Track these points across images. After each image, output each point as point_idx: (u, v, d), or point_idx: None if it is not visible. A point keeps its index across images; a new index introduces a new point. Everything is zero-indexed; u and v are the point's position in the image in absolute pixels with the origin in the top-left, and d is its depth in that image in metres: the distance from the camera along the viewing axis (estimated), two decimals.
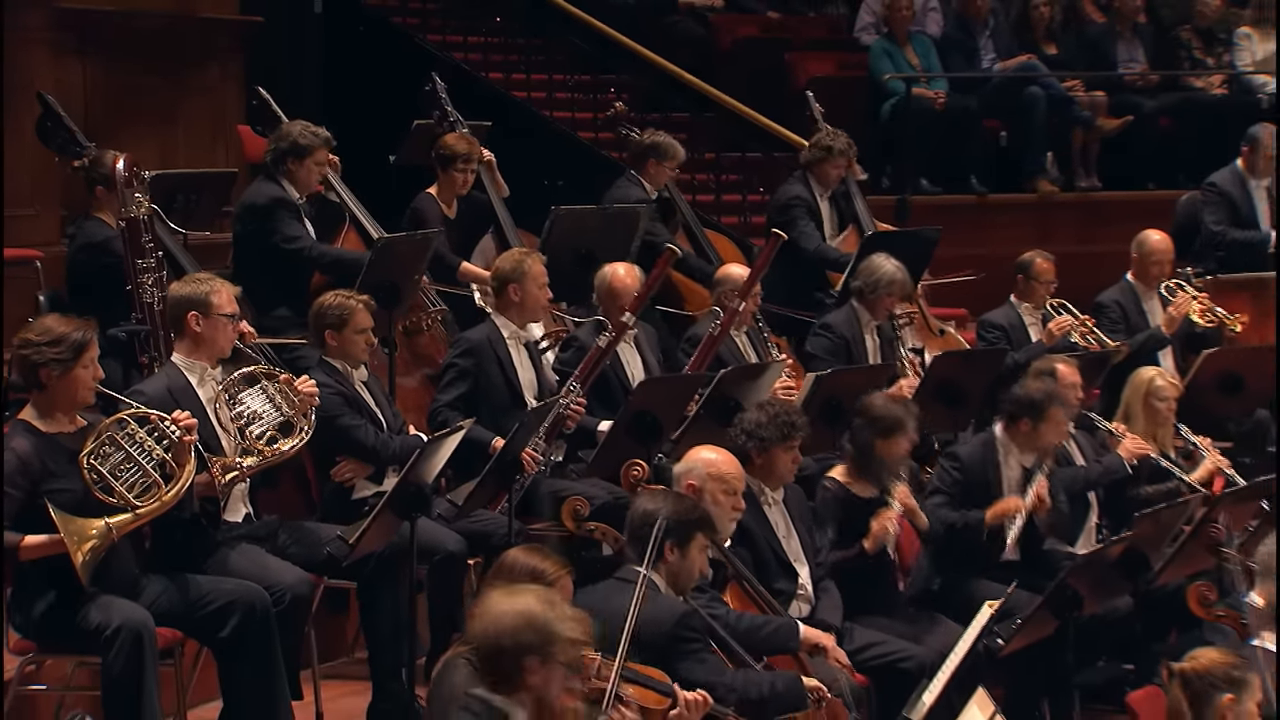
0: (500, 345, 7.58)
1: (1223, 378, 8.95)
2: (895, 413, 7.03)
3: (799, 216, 9.72)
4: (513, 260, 7.73)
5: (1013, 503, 7.28)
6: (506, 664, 4.38)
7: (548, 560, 5.13)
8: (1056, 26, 12.65)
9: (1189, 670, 5.08)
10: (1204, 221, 10.61)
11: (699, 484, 6.07)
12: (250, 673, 6.13)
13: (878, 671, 6.48)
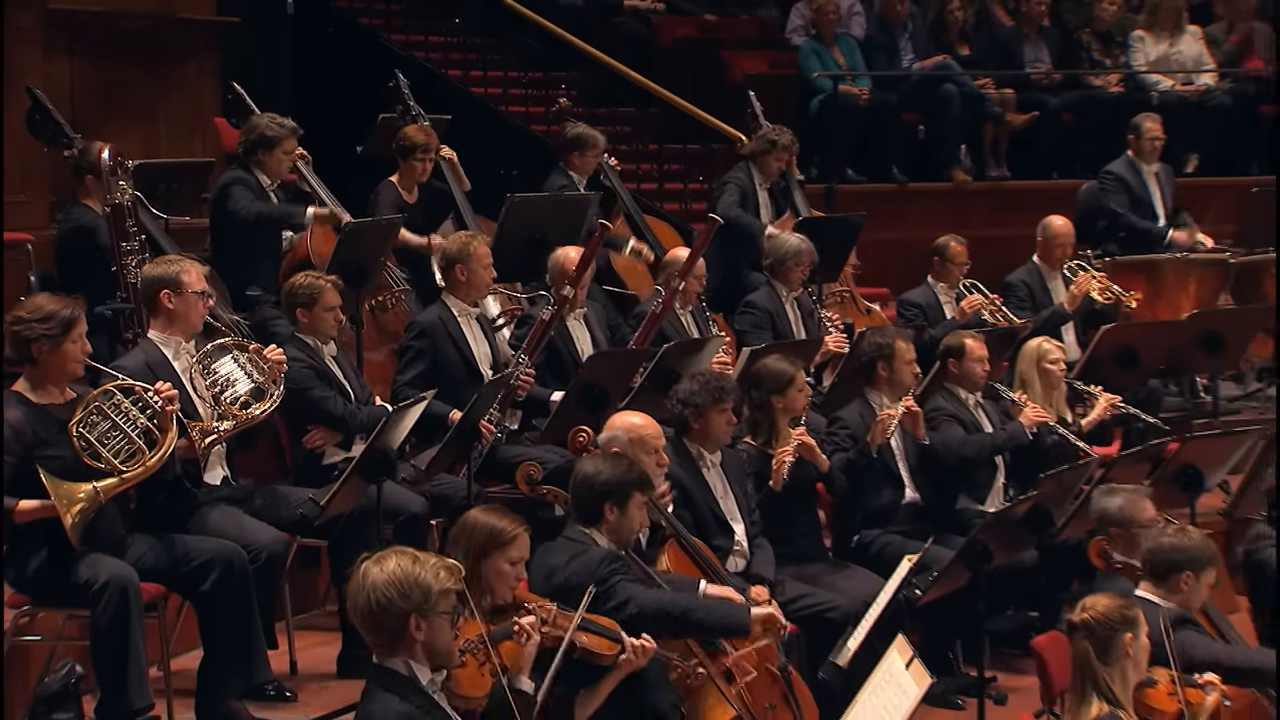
0: (452, 324, 7.58)
1: (1119, 351, 9.00)
2: (785, 369, 7.07)
3: (729, 190, 9.83)
4: (459, 243, 7.75)
5: (885, 414, 7.30)
6: (391, 627, 4.27)
7: (505, 518, 5.13)
8: (969, 29, 12.69)
9: (1089, 619, 5.14)
10: (1107, 206, 10.67)
11: (622, 449, 6.08)
12: (229, 624, 6.14)
13: (807, 621, 6.50)
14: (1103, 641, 5.13)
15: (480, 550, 5.00)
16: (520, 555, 5.08)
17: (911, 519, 7.42)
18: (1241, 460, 8.00)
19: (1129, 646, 5.12)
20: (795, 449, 6.86)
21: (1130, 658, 5.13)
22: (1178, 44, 12.62)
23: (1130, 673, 5.16)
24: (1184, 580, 5.78)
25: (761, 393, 7.05)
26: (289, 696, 6.59)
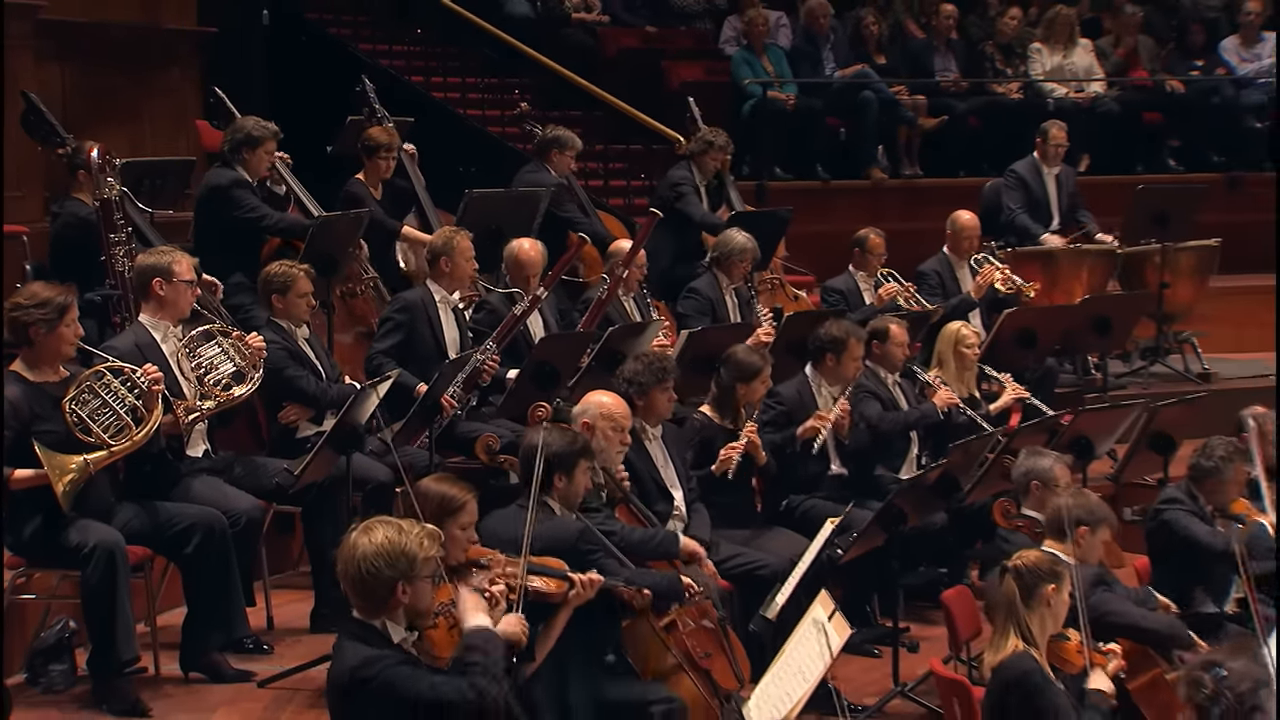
0: (431, 307, 7.58)
1: (1020, 334, 9.05)
2: (754, 361, 7.07)
3: (687, 192, 9.81)
4: (444, 237, 7.74)
5: (819, 418, 7.31)
6: (379, 594, 4.28)
7: (455, 486, 5.08)
8: (884, 41, 12.71)
9: (1020, 566, 5.23)
10: (1005, 202, 10.72)
11: (592, 422, 6.07)
12: (210, 583, 6.14)
13: (739, 578, 6.50)
14: (1029, 587, 5.19)
15: (434, 516, 4.96)
16: (470, 519, 5.06)
17: (835, 487, 7.44)
18: (1127, 430, 8.07)
19: (1050, 596, 5.19)
20: (743, 445, 6.86)
21: (1050, 608, 5.20)
22: (1071, 55, 12.67)
23: (1048, 620, 5.22)
24: (1081, 535, 5.81)
25: (729, 376, 7.04)
26: (266, 649, 6.57)
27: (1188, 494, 6.80)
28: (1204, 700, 4.32)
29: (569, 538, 5.34)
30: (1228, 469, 6.72)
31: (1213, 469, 6.74)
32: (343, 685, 4.32)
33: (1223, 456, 6.74)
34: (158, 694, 6.05)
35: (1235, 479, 6.77)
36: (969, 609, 6.35)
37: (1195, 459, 6.86)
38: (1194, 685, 4.37)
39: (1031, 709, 5.05)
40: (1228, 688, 4.29)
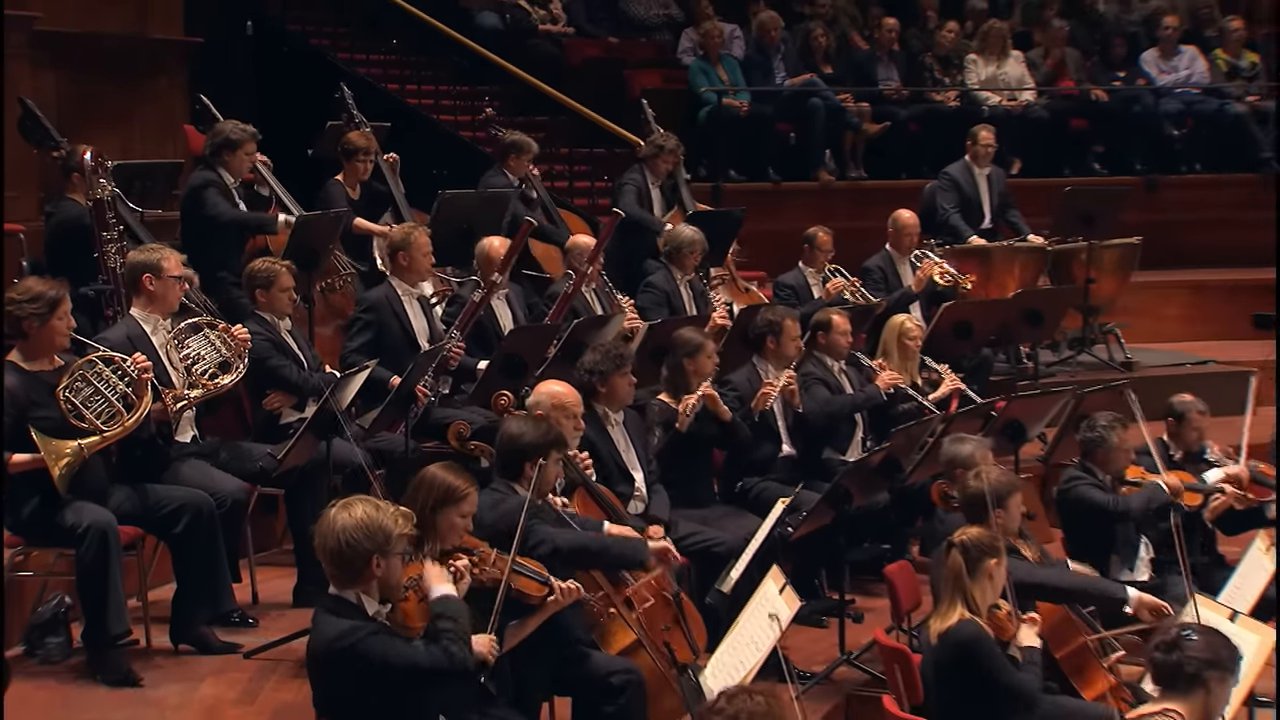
0: (396, 301, 7.51)
1: (957, 325, 9.08)
2: (696, 337, 7.09)
3: (627, 191, 9.80)
4: (402, 233, 7.69)
5: (767, 384, 7.32)
6: (356, 566, 4.31)
7: (460, 477, 5.04)
8: (831, 52, 12.72)
9: (965, 541, 5.27)
10: (939, 203, 10.76)
11: (546, 412, 6.04)
12: (198, 561, 6.11)
13: (696, 554, 6.49)
14: (973, 560, 5.24)
15: (437, 502, 4.94)
16: (470, 509, 5.04)
17: (786, 469, 7.44)
18: (1056, 415, 8.10)
19: (991, 570, 5.24)
20: (700, 398, 6.85)
21: (991, 580, 5.25)
22: (1004, 66, 12.71)
23: (989, 590, 5.27)
24: (995, 516, 5.83)
25: (676, 357, 7.04)
26: (251, 623, 6.54)
27: (1084, 470, 6.91)
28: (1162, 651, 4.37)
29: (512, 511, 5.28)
30: (1111, 437, 6.83)
31: (1098, 439, 6.84)
32: (321, 655, 4.35)
33: (1105, 426, 6.86)
34: (148, 665, 6.02)
35: (1121, 446, 6.87)
36: (910, 582, 6.37)
37: (1082, 435, 6.94)
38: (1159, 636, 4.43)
39: (983, 669, 5.12)
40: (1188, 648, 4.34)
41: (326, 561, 4.37)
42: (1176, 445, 7.34)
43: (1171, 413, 7.40)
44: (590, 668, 5.41)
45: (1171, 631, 4.42)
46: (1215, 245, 12.52)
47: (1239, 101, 12.98)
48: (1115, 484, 6.88)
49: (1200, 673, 4.34)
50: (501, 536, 5.06)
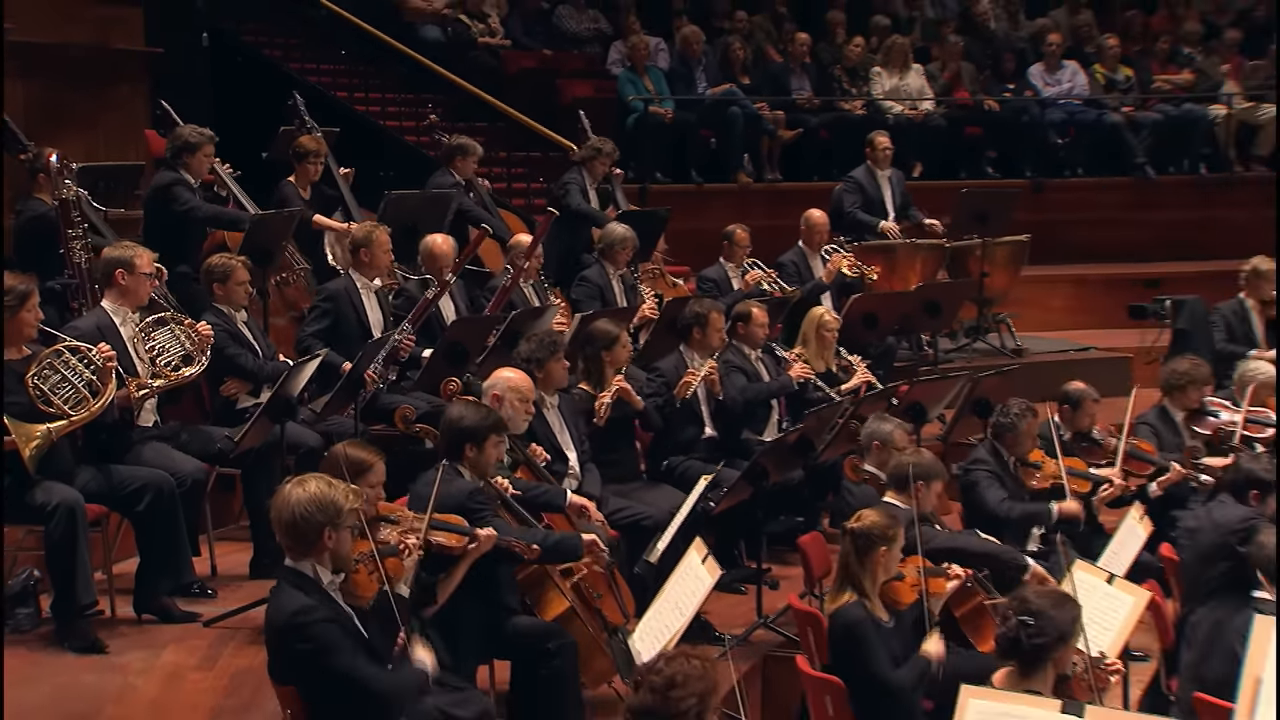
0: (355, 294, 7.47)
1: (864, 315, 9.12)
2: (611, 329, 7.06)
3: (573, 190, 9.76)
4: (365, 231, 7.64)
5: (690, 374, 7.32)
6: (310, 536, 4.30)
7: (365, 450, 5.06)
8: (749, 64, 12.73)
9: (857, 528, 5.25)
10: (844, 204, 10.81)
11: (501, 395, 6.03)
12: (160, 536, 6.05)
13: (625, 527, 6.48)
14: (862, 549, 5.23)
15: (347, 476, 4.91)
16: (378, 479, 5.01)
17: (708, 448, 7.45)
18: (954, 398, 8.16)
19: (881, 557, 5.24)
20: (613, 394, 6.83)
21: (881, 565, 5.25)
22: (905, 78, 12.78)
23: (879, 574, 5.27)
24: (918, 488, 5.87)
25: (593, 349, 7.01)
26: (210, 593, 6.46)
27: (991, 451, 6.92)
28: (1006, 630, 4.40)
29: (459, 495, 5.27)
30: (1021, 424, 6.87)
31: (1010, 425, 6.89)
32: (280, 626, 4.32)
33: (1017, 414, 6.89)
34: (114, 633, 5.95)
35: (1029, 433, 6.92)
36: (821, 552, 6.40)
37: (995, 418, 6.99)
38: (1003, 620, 4.46)
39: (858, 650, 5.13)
40: (1035, 625, 4.37)
41: (282, 534, 4.35)
42: (1068, 427, 7.39)
43: (1067, 399, 7.44)
44: (526, 633, 5.40)
45: (1011, 621, 4.41)
46: (1095, 242, 12.68)
47: (1115, 112, 13.14)
48: (1018, 465, 6.91)
49: (1042, 655, 4.38)
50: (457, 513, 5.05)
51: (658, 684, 3.66)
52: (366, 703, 4.30)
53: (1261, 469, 6.01)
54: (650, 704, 3.66)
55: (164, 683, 5.60)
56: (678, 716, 3.64)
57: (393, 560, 4.70)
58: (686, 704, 3.64)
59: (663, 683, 3.66)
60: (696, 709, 3.66)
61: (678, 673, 3.68)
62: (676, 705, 3.64)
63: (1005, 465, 6.88)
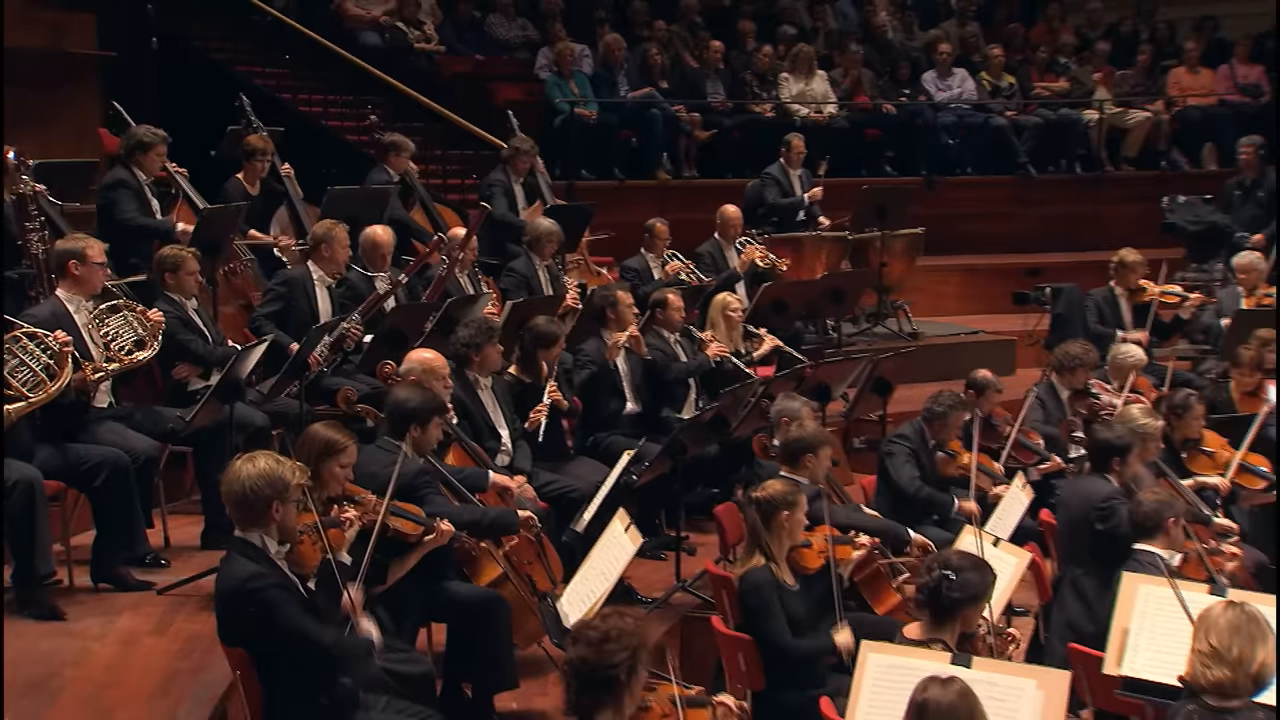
0: (309, 283, 7.42)
1: (774, 302, 9.14)
2: (552, 330, 7.03)
3: (497, 195, 9.67)
4: (325, 228, 7.56)
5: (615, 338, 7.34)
6: (258, 509, 4.28)
7: (340, 432, 5.02)
8: (667, 69, 12.71)
9: (761, 497, 5.26)
10: (765, 197, 10.84)
11: (418, 376, 5.99)
12: (115, 510, 5.96)
13: (554, 499, 6.47)
14: (767, 515, 5.24)
15: (319, 455, 4.88)
16: (349, 460, 4.98)
17: (631, 425, 7.45)
18: (856, 378, 8.22)
19: (785, 521, 5.25)
20: (547, 405, 6.78)
21: (785, 529, 5.26)
22: (811, 84, 12.82)
23: (784, 538, 5.28)
24: (806, 460, 5.90)
25: (531, 344, 6.96)
26: (164, 563, 6.37)
27: (918, 431, 6.95)
28: (929, 581, 4.45)
29: (407, 475, 5.23)
30: (951, 415, 6.92)
31: (941, 414, 6.93)
32: (231, 592, 4.28)
33: (950, 405, 6.95)
34: (72, 601, 5.86)
35: (955, 424, 6.97)
36: (735, 520, 6.41)
37: (929, 404, 7.00)
38: (926, 571, 4.51)
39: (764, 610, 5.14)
40: (955, 580, 4.43)
41: (232, 506, 4.32)
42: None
43: (972, 385, 7.47)
44: (464, 597, 5.38)
45: (935, 574, 4.47)
46: (983, 235, 12.82)
47: (1000, 115, 13.29)
48: (936, 449, 6.96)
49: (957, 608, 4.44)
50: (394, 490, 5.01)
51: (593, 638, 3.69)
52: (314, 658, 4.28)
53: (1115, 436, 6.13)
54: (586, 657, 3.69)
55: (120, 647, 5.52)
56: (611, 668, 3.66)
57: (335, 531, 4.67)
58: (619, 657, 3.67)
59: (598, 637, 3.69)
60: (629, 662, 3.69)
61: (612, 629, 3.71)
62: (610, 658, 3.66)
63: (926, 447, 6.92)
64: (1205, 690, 4.03)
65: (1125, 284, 9.42)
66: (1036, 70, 13.91)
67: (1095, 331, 9.23)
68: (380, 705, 4.49)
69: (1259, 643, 4.01)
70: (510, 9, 13.06)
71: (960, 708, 3.34)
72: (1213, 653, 4.02)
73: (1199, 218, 11.40)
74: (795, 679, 5.07)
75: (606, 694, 3.67)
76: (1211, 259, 11.10)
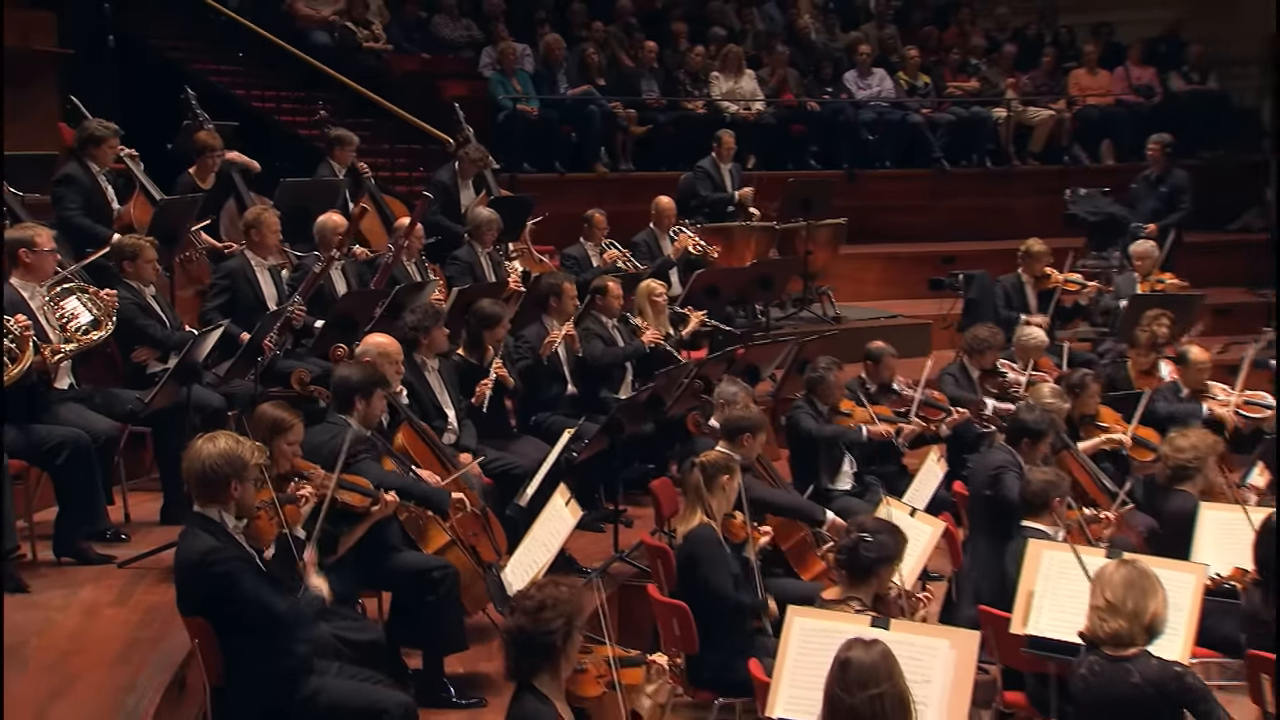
0: (249, 271, 7.29)
1: (706, 288, 9.16)
2: (496, 311, 7.01)
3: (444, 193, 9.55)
4: (254, 214, 7.45)
5: (551, 337, 7.30)
6: (218, 487, 4.26)
7: (287, 411, 5.00)
8: (604, 68, 12.67)
9: (704, 461, 5.32)
10: (697, 190, 10.84)
11: (373, 358, 5.95)
12: (77, 488, 5.87)
13: (498, 475, 6.45)
14: (710, 476, 5.28)
15: (268, 433, 4.85)
16: (297, 438, 4.95)
17: (571, 405, 7.44)
18: (783, 359, 8.27)
19: (725, 484, 5.31)
20: (493, 382, 6.76)
21: (725, 491, 5.31)
22: (740, 82, 12.84)
23: (723, 501, 5.33)
24: (745, 439, 5.94)
25: (477, 324, 6.93)
26: (124, 538, 6.30)
27: (808, 401, 7.08)
28: (846, 551, 4.51)
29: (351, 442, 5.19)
30: (829, 376, 7.06)
31: (820, 378, 7.05)
32: (192, 564, 4.25)
33: (825, 368, 7.09)
34: (35, 574, 5.77)
35: (837, 384, 7.08)
36: (670, 494, 6.44)
37: (806, 374, 7.13)
38: (845, 534, 4.57)
39: (711, 562, 5.18)
40: (872, 541, 4.50)
41: (192, 483, 4.29)
42: (872, 380, 7.56)
43: (869, 355, 7.62)
44: (413, 565, 5.36)
45: (853, 535, 4.54)
46: (901, 225, 12.92)
47: (916, 113, 13.38)
48: (831, 413, 7.05)
49: (872, 567, 4.51)
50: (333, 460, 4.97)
51: (530, 607, 3.70)
52: (272, 625, 4.25)
53: (1034, 420, 6.23)
54: (524, 624, 3.70)
55: (82, 617, 5.45)
56: (547, 635, 3.68)
57: (290, 507, 4.63)
58: (555, 624, 3.68)
59: (534, 606, 3.70)
60: (564, 629, 3.70)
61: (548, 597, 3.72)
62: (546, 625, 3.67)
63: (820, 413, 7.00)
64: (1103, 641, 4.14)
65: (1031, 272, 9.56)
66: (949, 71, 14.03)
67: (1003, 316, 9.36)
68: (333, 670, 4.46)
69: (1150, 596, 4.14)
70: (455, 10, 12.95)
71: (881, 667, 3.39)
72: (1109, 606, 4.13)
73: (1098, 209, 11.56)
74: (727, 640, 5.10)
75: (543, 659, 3.69)
76: (1110, 247, 11.27)
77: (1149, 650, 4.13)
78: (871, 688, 3.36)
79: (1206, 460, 5.99)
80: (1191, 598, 4.61)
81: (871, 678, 3.38)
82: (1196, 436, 6.11)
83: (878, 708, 3.34)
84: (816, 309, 10.80)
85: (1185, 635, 4.53)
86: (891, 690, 3.38)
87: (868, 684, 3.36)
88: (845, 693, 3.37)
